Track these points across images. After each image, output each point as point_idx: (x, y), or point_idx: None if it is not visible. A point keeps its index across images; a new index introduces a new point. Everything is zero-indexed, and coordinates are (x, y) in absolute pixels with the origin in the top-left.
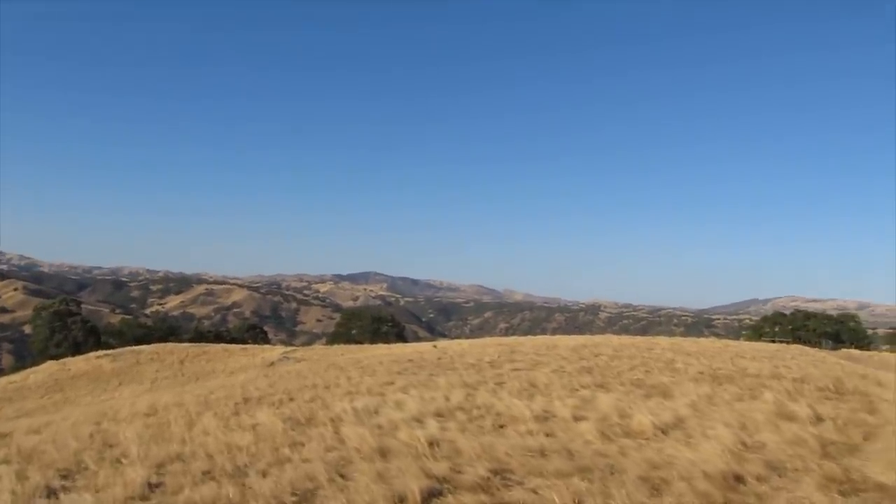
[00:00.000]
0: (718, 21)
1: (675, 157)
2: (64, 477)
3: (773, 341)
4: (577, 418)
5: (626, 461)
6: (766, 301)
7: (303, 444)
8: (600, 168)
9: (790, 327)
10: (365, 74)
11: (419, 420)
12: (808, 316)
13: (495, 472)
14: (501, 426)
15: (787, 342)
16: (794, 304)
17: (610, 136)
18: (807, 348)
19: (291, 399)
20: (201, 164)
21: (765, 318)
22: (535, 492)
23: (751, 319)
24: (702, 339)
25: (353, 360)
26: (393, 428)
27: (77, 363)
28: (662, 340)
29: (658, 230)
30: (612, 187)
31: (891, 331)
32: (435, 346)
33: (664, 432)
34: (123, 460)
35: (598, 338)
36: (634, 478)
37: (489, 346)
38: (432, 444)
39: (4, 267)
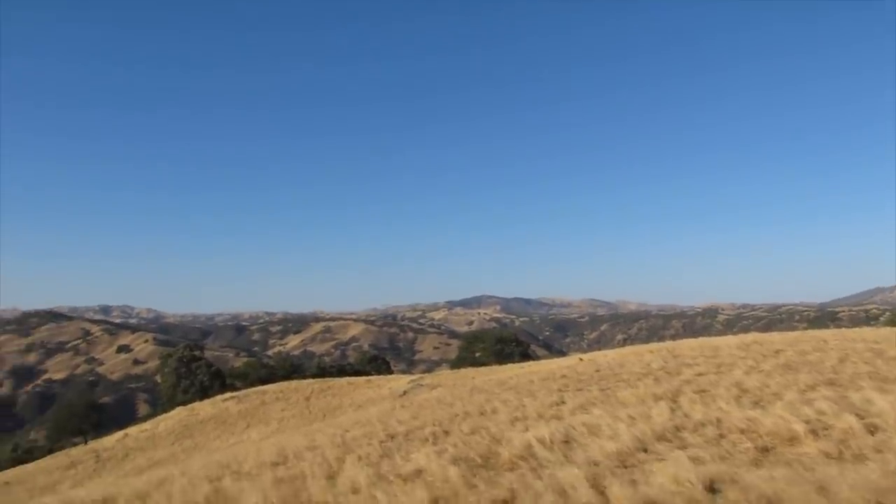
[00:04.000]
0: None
1: (773, 153)
2: None
3: None
4: (869, 429)
5: None
6: (892, 288)
7: None
8: (704, 168)
9: None
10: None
11: (645, 450)
12: None
13: None
14: (765, 448)
15: None
16: None
17: (711, 133)
18: None
19: (446, 432)
20: (308, 205)
21: None
22: None
23: (878, 308)
24: (861, 329)
25: (496, 381)
26: (618, 463)
27: (204, 407)
28: (823, 333)
29: (772, 227)
30: (719, 187)
31: None
32: (581, 359)
33: None
34: None
35: (751, 336)
36: None
37: (642, 353)
38: (711, 489)
39: (135, 321)
